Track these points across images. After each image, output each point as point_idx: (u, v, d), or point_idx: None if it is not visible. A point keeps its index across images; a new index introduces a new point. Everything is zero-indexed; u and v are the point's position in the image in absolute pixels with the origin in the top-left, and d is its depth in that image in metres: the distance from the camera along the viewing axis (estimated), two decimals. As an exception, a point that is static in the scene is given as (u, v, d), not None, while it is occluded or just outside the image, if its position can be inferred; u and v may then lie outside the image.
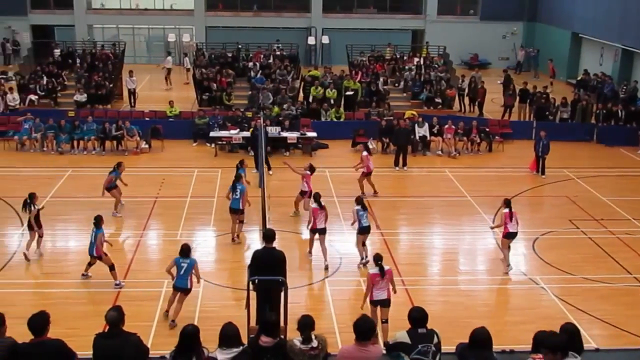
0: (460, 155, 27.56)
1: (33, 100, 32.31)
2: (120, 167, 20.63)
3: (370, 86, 33.41)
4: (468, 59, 47.85)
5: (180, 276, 14.22)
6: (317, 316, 8.87)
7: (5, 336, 8.29)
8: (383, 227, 19.74)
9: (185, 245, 14.51)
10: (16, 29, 46.80)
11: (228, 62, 36.76)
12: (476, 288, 16.60)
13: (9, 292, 15.53)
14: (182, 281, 14.20)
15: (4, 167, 25.01)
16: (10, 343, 8.20)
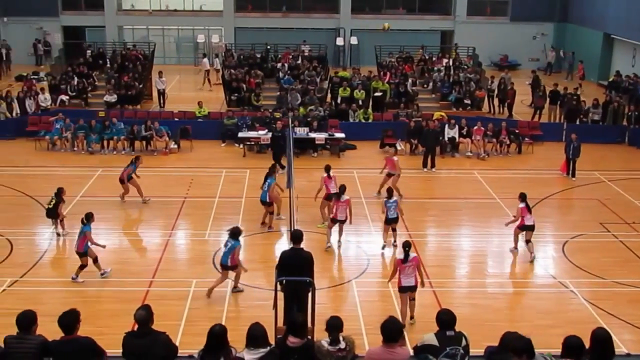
0: (489, 157, 27.40)
1: (64, 100, 32.67)
2: (138, 161, 21.43)
3: (399, 87, 33.34)
4: (498, 60, 47.54)
5: (224, 254, 15.35)
6: (344, 317, 8.84)
7: (36, 334, 8.39)
8: (411, 228, 19.67)
9: (235, 228, 15.61)
10: (48, 30, 47.33)
11: (257, 63, 36.89)
12: (504, 291, 16.49)
13: (40, 290, 15.72)
14: (223, 258, 15.36)
15: (36, 167, 25.31)
16: (41, 341, 8.30)
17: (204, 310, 14.72)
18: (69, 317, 8.34)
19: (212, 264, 17.14)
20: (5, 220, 19.56)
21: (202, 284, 15.81)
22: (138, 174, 21.50)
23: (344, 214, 18.06)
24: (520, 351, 7.65)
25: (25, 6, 45.96)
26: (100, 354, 8.49)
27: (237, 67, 35.46)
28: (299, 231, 13.47)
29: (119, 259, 17.66)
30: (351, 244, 18.86)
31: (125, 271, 16.62)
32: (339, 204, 17.95)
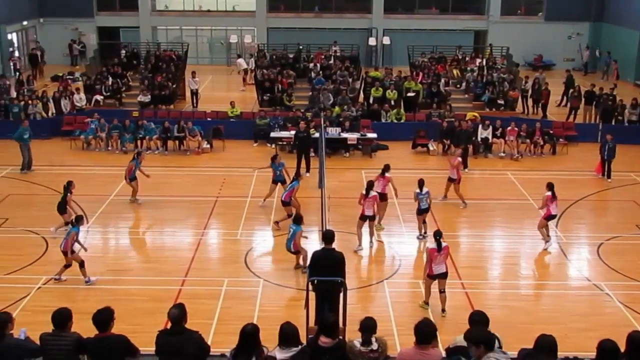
0: (523, 158, 27.18)
1: (99, 100, 33.04)
2: (140, 157, 21.60)
3: (432, 87, 33.21)
4: (532, 59, 47.13)
5: (287, 239, 16.62)
6: (375, 318, 8.83)
7: (71, 331, 8.49)
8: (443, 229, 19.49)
9: (298, 213, 16.97)
10: (83, 31, 47.89)
11: (289, 63, 36.97)
12: (538, 293, 16.36)
13: (74, 288, 15.88)
14: (287, 244, 16.59)
15: (71, 166, 25.59)
16: (76, 338, 8.42)
17: (235, 309, 14.78)
18: (103, 315, 8.45)
19: (244, 263, 17.23)
20: (41, 218, 19.81)
21: (233, 283, 15.90)
22: (147, 173, 21.61)
23: (371, 210, 18.03)
24: (478, 342, 7.75)
25: (61, 7, 46.54)
26: (133, 351, 8.58)
27: (270, 67, 35.56)
28: (331, 231, 13.48)
29: (152, 257, 17.82)
30: (383, 244, 18.81)
31: (158, 270, 16.76)
32: (366, 200, 17.85)
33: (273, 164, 21.12)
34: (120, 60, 37.04)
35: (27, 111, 29.90)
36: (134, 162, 21.31)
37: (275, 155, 21.66)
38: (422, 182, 18.60)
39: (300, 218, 16.73)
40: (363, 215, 17.98)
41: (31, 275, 16.33)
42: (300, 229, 16.42)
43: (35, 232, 18.99)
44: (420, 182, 18.58)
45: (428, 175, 21.85)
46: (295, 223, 16.56)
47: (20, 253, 17.56)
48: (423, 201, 18.42)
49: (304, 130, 25.14)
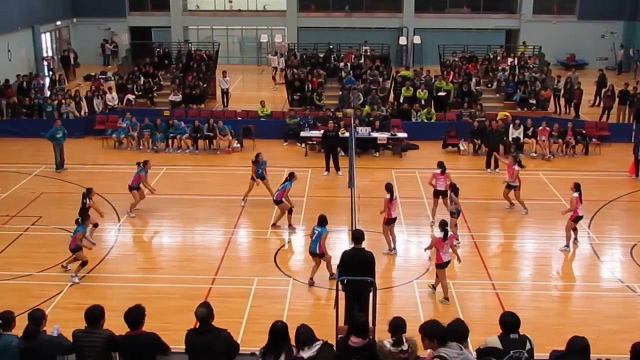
0: (555, 158, 26.94)
1: (130, 99, 33.31)
2: (147, 165, 20.55)
3: (462, 87, 33.04)
4: (564, 59, 46.70)
5: (312, 242, 15.96)
6: (406, 318, 8.80)
7: (103, 328, 8.57)
8: (473, 229, 19.49)
9: (322, 215, 16.04)
10: (115, 31, 48.35)
11: (319, 62, 36.97)
12: (570, 294, 16.21)
13: (106, 286, 16.05)
14: (312, 246, 15.94)
15: (103, 165, 25.86)
16: (108, 335, 8.49)
17: (265, 308, 14.82)
18: (135, 313, 8.52)
19: (274, 262, 17.27)
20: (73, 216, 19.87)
21: (263, 282, 15.95)
22: (153, 188, 20.96)
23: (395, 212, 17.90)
24: (431, 335, 7.85)
25: (93, 7, 47.10)
26: (164, 349, 8.64)
27: (300, 67, 35.61)
28: (360, 231, 13.46)
29: (182, 256, 17.92)
30: (412, 244, 18.76)
31: (188, 268, 16.86)
32: (391, 204, 17.59)
33: (257, 163, 21.34)
34: (151, 60, 37.32)
35: (61, 110, 30.27)
36: (142, 171, 20.31)
37: (258, 154, 21.63)
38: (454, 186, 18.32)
39: (325, 219, 16.01)
40: (390, 219, 17.72)
41: (64, 273, 16.52)
42: (326, 230, 15.89)
43: (67, 230, 19.13)
44: (453, 186, 18.32)
45: (458, 175, 21.79)
46: (321, 225, 15.90)
47: (54, 250, 17.75)
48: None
49: (332, 130, 25.13)
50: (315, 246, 15.86)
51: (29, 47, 41.98)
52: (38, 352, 8.50)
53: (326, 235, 15.89)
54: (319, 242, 15.79)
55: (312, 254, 16.02)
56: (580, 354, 7.70)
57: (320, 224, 15.90)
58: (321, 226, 15.88)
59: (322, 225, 15.89)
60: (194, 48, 39.99)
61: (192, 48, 39.85)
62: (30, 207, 21.18)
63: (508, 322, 8.40)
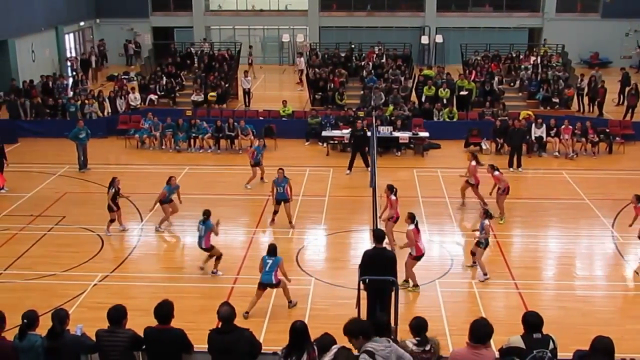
0: (579, 157, 26.74)
1: (153, 99, 33.48)
2: (171, 181, 19.61)
3: (485, 86, 32.87)
4: (588, 57, 46.33)
5: (266, 272, 14.51)
6: (428, 318, 8.77)
7: (125, 328, 8.62)
8: (496, 229, 19.38)
9: (272, 244, 14.84)
10: (138, 31, 48.62)
11: (341, 62, 36.95)
12: (594, 294, 16.05)
13: (129, 285, 16.17)
14: (266, 277, 14.52)
15: (126, 164, 26.01)
16: (131, 335, 8.53)
17: (287, 308, 14.82)
18: (165, 307, 8.61)
19: (296, 262, 17.28)
20: (97, 216, 20.14)
21: (285, 282, 15.93)
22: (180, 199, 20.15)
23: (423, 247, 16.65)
24: (357, 334, 7.83)
25: (116, 8, 47.36)
26: (188, 347, 8.68)
27: (322, 66, 35.60)
28: (382, 231, 13.46)
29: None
30: (434, 243, 18.70)
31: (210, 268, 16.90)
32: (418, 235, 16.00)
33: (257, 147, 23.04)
34: (174, 60, 37.48)
35: (84, 111, 30.48)
36: (167, 188, 19.48)
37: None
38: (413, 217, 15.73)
39: (275, 248, 14.69)
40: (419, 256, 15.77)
41: (87, 272, 16.65)
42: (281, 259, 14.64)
43: (90, 230, 19.33)
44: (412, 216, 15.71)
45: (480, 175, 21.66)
46: (271, 254, 14.57)
47: (77, 250, 17.91)
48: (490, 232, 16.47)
49: (360, 129, 25.09)
50: (270, 277, 14.47)
51: (53, 47, 42.32)
52: (62, 351, 8.56)
53: (282, 263, 14.72)
54: (275, 271, 14.50)
55: (268, 286, 14.59)
56: (605, 354, 7.63)
57: (270, 254, 14.58)
58: (272, 256, 14.58)
59: (273, 255, 14.59)
60: (216, 48, 40.13)
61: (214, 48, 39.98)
62: (54, 207, 21.35)
63: (531, 322, 8.34)
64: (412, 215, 15.51)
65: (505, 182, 19.81)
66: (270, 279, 14.52)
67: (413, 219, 15.39)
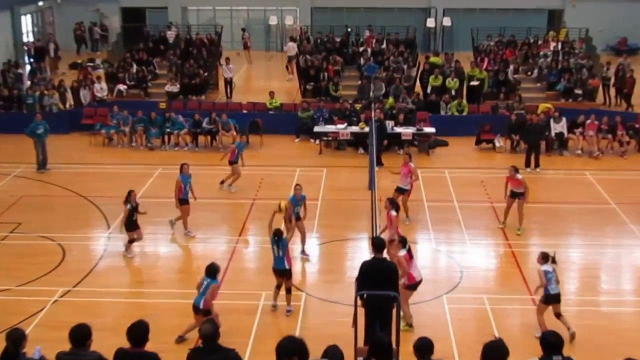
0: (604, 156, 26.83)
1: (122, 90, 33.42)
2: (184, 169, 19.58)
3: (499, 75, 32.96)
4: (615, 43, 46.49)
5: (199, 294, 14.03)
6: (434, 337, 8.79)
7: (90, 350, 8.58)
8: (511, 237, 19.44)
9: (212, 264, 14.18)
10: (105, 12, 48.49)
11: (336, 47, 36.99)
12: (622, 310, 16.11)
13: (94, 301, 16.10)
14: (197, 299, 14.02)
15: (91, 164, 25.96)
16: (96, 357, 8.47)
17: (275, 326, 14.85)
18: (140, 329, 8.61)
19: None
20: (57, 223, 20.13)
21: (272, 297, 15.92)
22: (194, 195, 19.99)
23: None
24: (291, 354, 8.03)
25: (80, -14, 47.28)
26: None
27: (314, 53, 35.61)
28: (382, 239, 13.45)
29: (181, 267, 17.97)
30: (442, 254, 18.73)
31: (188, 281, 16.83)
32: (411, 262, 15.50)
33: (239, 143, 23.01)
34: (146, 46, 37.42)
35: (43, 103, 30.40)
36: (181, 177, 19.42)
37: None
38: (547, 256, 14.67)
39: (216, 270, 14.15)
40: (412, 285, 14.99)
41: (47, 287, 16.59)
42: (216, 282, 14.17)
43: (51, 239, 19.28)
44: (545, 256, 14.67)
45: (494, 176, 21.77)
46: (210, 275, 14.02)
47: (35, 262, 17.84)
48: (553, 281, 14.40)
49: (379, 120, 25.15)
50: (200, 300, 13.94)
51: (7, 31, 42.17)
52: (18, 377, 8.54)
53: (216, 288, 14.29)
54: (206, 295, 13.93)
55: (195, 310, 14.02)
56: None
57: (209, 274, 14.07)
58: (211, 277, 14.08)
59: (212, 277, 14.08)
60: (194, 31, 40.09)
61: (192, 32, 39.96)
62: (8, 212, 21.29)
63: (551, 342, 8.36)
64: (403, 239, 15.11)
65: (526, 186, 19.63)
66: (199, 302, 13.93)
67: (404, 243, 14.89)
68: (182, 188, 19.28)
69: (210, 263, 14.28)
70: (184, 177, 19.42)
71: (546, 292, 14.23)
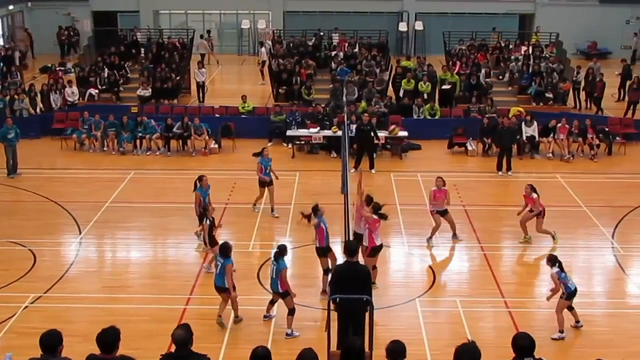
0: (575, 159, 27.02)
1: (93, 94, 33.25)
2: (202, 181, 18.98)
3: (471, 79, 33.10)
4: (585, 47, 46.86)
5: (217, 275, 14.91)
6: (407, 341, 8.80)
7: (62, 356, 8.52)
8: (483, 240, 19.53)
9: (225, 243, 15.04)
10: (76, 16, 48.17)
11: (308, 51, 37.00)
12: (593, 312, 16.20)
13: (66, 307, 15.97)
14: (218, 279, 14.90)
15: (62, 169, 25.78)
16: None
17: (247, 331, 14.80)
18: (110, 335, 8.51)
19: (257, 279, 17.25)
20: (28, 229, 19.96)
21: (246, 302, 15.83)
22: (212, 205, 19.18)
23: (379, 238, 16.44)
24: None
25: (51, -11, 46.97)
26: (137, 377, 8.63)
27: (286, 57, 35.60)
28: (354, 243, 13.44)
29: (153, 273, 17.87)
30: (415, 257, 18.78)
31: (160, 287, 16.81)
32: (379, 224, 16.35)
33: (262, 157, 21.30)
34: (117, 50, 37.22)
35: (13, 107, 30.10)
36: (200, 190, 18.87)
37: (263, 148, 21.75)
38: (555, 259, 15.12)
39: (228, 248, 14.81)
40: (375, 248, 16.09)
41: (17, 293, 16.43)
42: (230, 262, 14.75)
43: (21, 244, 19.10)
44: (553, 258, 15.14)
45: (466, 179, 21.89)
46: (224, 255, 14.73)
47: (5, 268, 17.68)
48: (570, 280, 14.96)
49: (367, 124, 25.21)
50: (220, 280, 14.73)
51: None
52: (-13, 384, 8.47)
53: (230, 267, 14.78)
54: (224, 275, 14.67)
55: (218, 290, 14.91)
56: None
57: (222, 254, 14.78)
58: (223, 257, 14.74)
59: (224, 256, 14.74)
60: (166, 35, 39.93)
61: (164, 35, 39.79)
62: (-22, 217, 21.12)
63: (522, 345, 8.43)
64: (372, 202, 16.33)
65: (541, 205, 19.56)
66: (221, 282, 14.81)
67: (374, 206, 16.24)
68: (202, 202, 18.71)
69: (223, 242, 15.05)
70: (203, 190, 18.93)
71: (567, 290, 14.65)
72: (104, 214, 20.98)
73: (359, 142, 25.50)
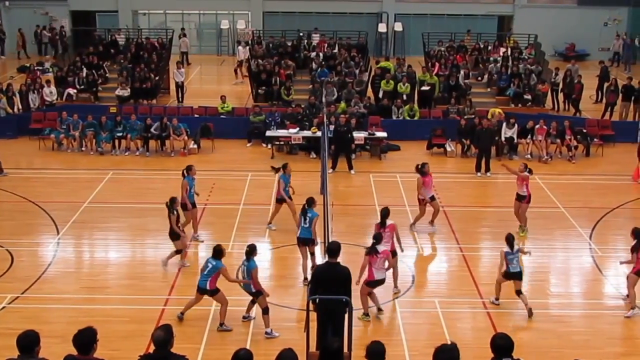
0: (553, 160, 27.16)
1: (71, 94, 33.08)
2: (191, 171, 19.30)
3: (450, 80, 33.21)
4: (563, 49, 47.18)
5: (203, 276, 14.77)
6: (387, 342, 8.82)
7: (39, 357, 8.47)
8: (462, 241, 19.59)
9: (217, 246, 14.89)
10: (54, 15, 47.93)
11: (288, 52, 37.00)
12: (570, 313, 16.30)
13: (43, 308, 15.88)
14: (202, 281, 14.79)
15: (40, 169, 25.65)
16: (44, 365, 8.40)
17: (226, 332, 14.76)
18: (86, 336, 8.47)
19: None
20: (5, 229, 19.82)
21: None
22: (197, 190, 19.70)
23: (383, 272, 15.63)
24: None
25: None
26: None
27: (266, 57, 35.58)
28: (335, 243, 13.44)
29: (131, 273, 17.78)
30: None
31: (138, 287, 16.74)
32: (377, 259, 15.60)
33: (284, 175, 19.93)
34: (96, 49, 37.05)
35: (-10, 107, 29.97)
36: (188, 179, 19.12)
37: (286, 165, 20.16)
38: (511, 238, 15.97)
39: (221, 252, 14.72)
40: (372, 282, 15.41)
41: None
42: (222, 265, 14.61)
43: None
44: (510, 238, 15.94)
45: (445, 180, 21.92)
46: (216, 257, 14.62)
47: (-18, 268, 17.58)
48: (514, 262, 15.71)
49: (344, 124, 25.19)
50: (204, 281, 14.67)
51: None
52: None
53: (225, 270, 14.69)
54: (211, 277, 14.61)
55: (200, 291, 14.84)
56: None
57: (214, 256, 14.67)
58: (215, 259, 14.64)
59: (216, 258, 14.64)
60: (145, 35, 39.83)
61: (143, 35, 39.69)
62: (-45, 218, 20.97)
63: (500, 345, 8.46)
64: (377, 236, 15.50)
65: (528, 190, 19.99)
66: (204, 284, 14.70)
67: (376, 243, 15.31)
68: (188, 190, 18.98)
69: (216, 245, 14.87)
70: (191, 179, 19.18)
71: (508, 269, 15.70)
72: (82, 214, 20.87)
73: (336, 143, 25.50)
